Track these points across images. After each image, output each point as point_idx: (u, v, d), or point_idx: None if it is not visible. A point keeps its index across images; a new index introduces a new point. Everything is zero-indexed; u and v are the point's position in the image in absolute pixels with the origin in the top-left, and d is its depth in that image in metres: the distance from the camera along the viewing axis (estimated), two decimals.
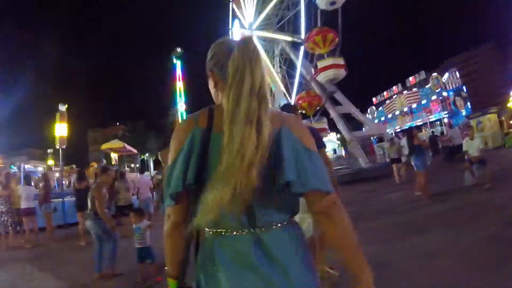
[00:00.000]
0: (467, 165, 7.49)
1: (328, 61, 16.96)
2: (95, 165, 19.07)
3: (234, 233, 0.93)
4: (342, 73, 17.25)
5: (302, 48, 18.70)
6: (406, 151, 9.16)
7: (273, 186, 0.90)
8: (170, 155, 0.98)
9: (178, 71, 33.55)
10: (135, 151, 17.36)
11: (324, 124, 20.67)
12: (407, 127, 41.40)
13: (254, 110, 0.87)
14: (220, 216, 0.89)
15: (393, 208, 6.71)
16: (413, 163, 7.50)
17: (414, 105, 42.58)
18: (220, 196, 0.85)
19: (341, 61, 17.30)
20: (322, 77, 17.25)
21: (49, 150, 35.18)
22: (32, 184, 9.41)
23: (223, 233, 0.94)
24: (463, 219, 4.85)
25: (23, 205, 7.72)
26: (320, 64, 17.17)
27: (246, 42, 0.93)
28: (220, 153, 0.87)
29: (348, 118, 18.62)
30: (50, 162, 32.83)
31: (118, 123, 45.38)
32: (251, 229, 0.92)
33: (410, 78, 47.57)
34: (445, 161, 13.78)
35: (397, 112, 45.59)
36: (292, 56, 21.31)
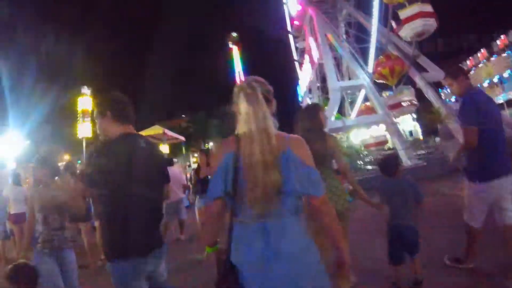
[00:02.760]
0: None
1: (413, 9, 13.11)
2: None
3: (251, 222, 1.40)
4: (433, 23, 13.39)
5: None
6: None
7: (282, 190, 1.36)
8: (213, 169, 1.48)
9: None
10: (181, 138, 15.56)
11: (410, 94, 15.44)
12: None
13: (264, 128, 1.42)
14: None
15: None
16: None
17: (505, 74, 35.25)
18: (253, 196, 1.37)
19: (429, 8, 13.49)
20: (407, 31, 13.47)
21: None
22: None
23: (243, 222, 1.42)
24: None
25: (12, 210, 6.24)
26: (403, 14, 13.39)
27: (246, 87, 1.47)
28: (245, 170, 1.39)
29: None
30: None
31: (182, 115, 46.27)
32: (262, 219, 1.38)
33: (498, 41, 39.74)
34: None
35: (483, 83, 38.29)
36: (361, 19, 18.10)
